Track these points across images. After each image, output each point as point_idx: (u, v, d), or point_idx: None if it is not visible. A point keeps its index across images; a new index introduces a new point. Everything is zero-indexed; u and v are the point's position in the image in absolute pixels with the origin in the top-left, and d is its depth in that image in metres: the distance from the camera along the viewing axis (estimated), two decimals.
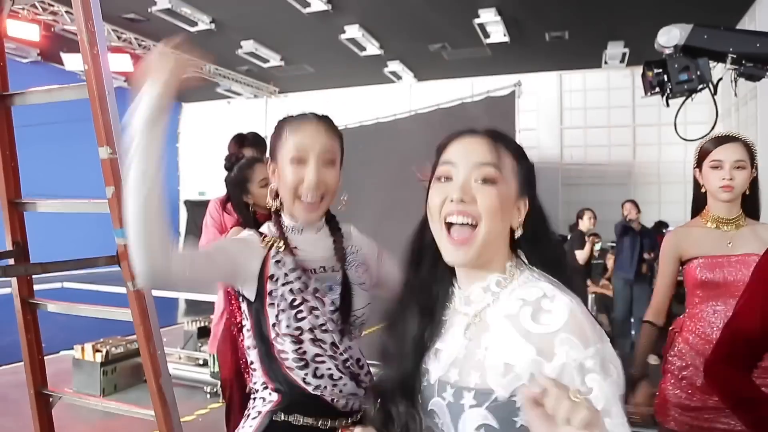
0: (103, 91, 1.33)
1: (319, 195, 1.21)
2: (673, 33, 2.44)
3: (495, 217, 0.85)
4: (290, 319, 1.17)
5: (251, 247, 1.20)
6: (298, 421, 1.19)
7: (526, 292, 0.85)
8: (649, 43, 2.68)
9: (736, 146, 1.78)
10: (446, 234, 0.86)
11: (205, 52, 3.47)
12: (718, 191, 1.77)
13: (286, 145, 1.22)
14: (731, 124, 8.81)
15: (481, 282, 0.89)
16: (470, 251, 0.85)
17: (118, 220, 1.34)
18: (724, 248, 1.77)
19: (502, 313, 0.85)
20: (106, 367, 4.30)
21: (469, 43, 8.90)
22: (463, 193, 0.84)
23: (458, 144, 0.90)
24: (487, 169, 0.86)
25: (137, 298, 1.39)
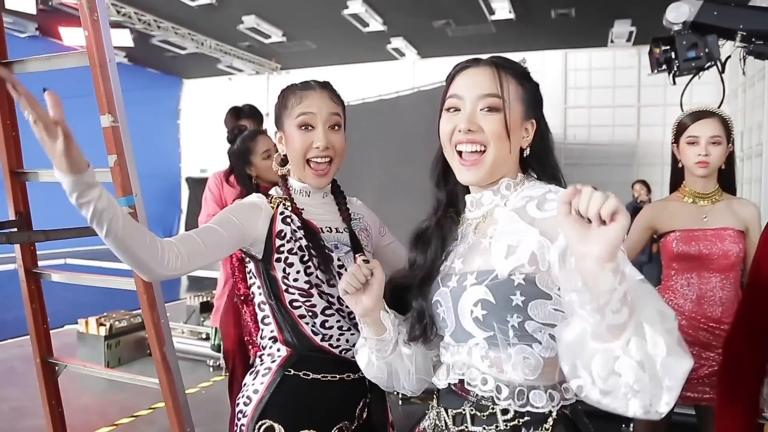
0: (104, 58, 1.32)
1: (328, 158, 1.25)
2: (683, 9, 2.40)
3: (501, 141, 0.92)
4: (300, 273, 1.21)
5: (258, 208, 1.24)
6: (307, 375, 1.23)
7: (533, 191, 0.93)
8: (656, 21, 2.64)
9: (713, 122, 1.80)
10: (458, 158, 0.95)
11: (206, 27, 3.32)
12: (694, 167, 1.80)
13: (292, 113, 1.25)
14: (738, 105, 8.74)
15: (493, 186, 0.97)
16: (480, 171, 0.93)
17: (121, 189, 1.33)
18: (700, 222, 1.81)
19: (510, 208, 0.93)
20: (110, 340, 4.35)
21: (473, 19, 8.78)
22: (469, 123, 0.92)
23: (464, 76, 0.97)
24: (490, 99, 0.93)
25: None
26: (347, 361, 1.26)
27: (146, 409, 3.51)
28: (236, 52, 10.91)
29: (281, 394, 1.21)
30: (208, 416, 3.02)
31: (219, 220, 1.18)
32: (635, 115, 10.12)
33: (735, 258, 1.77)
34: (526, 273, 0.85)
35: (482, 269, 0.89)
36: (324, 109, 1.24)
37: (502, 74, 0.95)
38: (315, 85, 1.28)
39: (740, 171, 8.76)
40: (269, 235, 1.21)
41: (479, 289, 0.88)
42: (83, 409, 3.49)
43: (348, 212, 1.35)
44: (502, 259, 0.87)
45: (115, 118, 1.33)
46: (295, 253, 1.21)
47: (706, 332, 1.77)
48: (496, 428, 0.89)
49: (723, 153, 1.80)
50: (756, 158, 7.67)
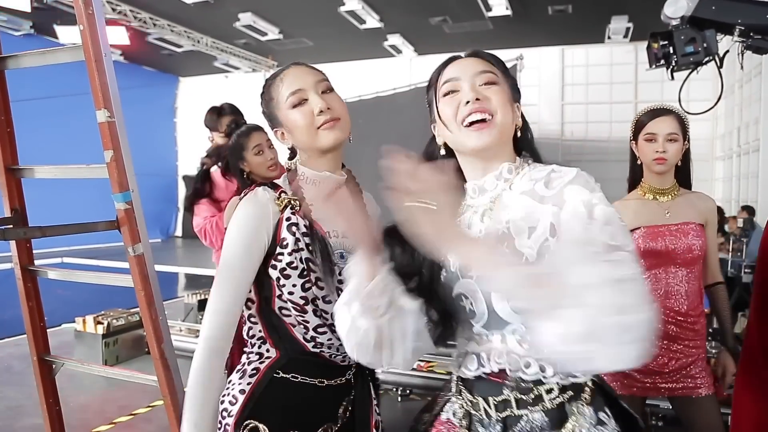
0: (100, 52, 1.30)
1: (333, 118, 1.20)
2: (681, 4, 2.39)
3: (506, 109, 0.94)
4: (296, 287, 1.16)
5: (264, 215, 1.17)
6: (296, 378, 1.20)
7: (537, 172, 0.94)
8: (654, 17, 2.63)
9: (670, 119, 1.83)
10: (466, 129, 0.93)
11: (202, 25, 3.27)
12: (652, 163, 1.83)
13: (280, 100, 1.20)
14: (734, 101, 8.75)
15: (494, 171, 0.97)
16: (490, 134, 0.92)
17: (117, 185, 1.32)
18: (663, 218, 1.83)
19: (518, 192, 0.93)
20: (108, 339, 4.33)
21: (470, 16, 8.78)
22: (475, 93, 0.93)
23: (454, 65, 0.99)
24: (487, 74, 0.96)
25: (138, 264, 1.38)
26: (338, 365, 1.24)
27: (144, 407, 3.50)
28: (233, 49, 10.90)
29: (269, 396, 1.18)
30: None
31: (234, 262, 1.16)
32: (632, 111, 10.12)
33: (699, 251, 1.81)
34: (551, 245, 0.86)
35: (508, 251, 0.87)
36: (309, 79, 1.20)
37: (489, 59, 0.99)
38: (290, 65, 1.24)
39: (737, 167, 8.79)
40: (273, 239, 1.17)
41: None
42: (81, 407, 3.48)
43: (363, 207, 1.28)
44: (526, 239, 0.88)
45: (111, 113, 1.32)
46: (295, 267, 1.16)
47: (674, 325, 1.80)
48: (542, 407, 0.90)
49: (679, 150, 1.83)
50: (753, 153, 7.69)
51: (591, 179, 0.89)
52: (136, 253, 1.38)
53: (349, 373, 1.26)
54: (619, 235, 0.76)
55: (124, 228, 1.36)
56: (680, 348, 1.80)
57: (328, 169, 1.24)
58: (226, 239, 1.18)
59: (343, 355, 1.23)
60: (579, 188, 0.85)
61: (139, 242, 1.38)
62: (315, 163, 1.24)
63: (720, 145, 9.77)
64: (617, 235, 0.76)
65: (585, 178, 0.88)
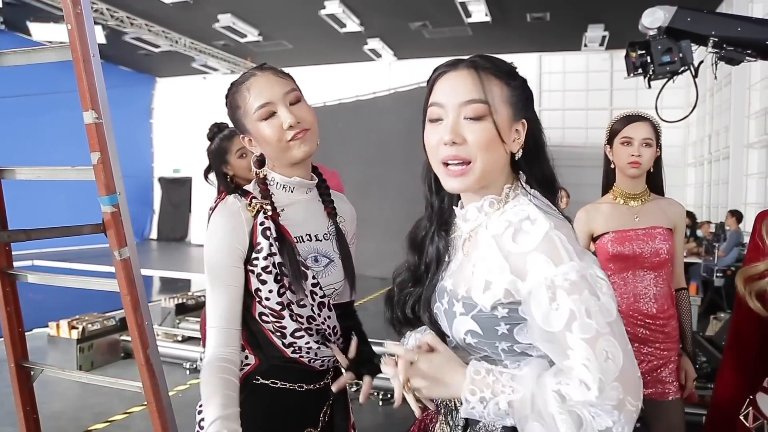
0: (88, 53, 1.28)
1: (303, 130, 1.18)
2: (658, 15, 2.46)
3: (488, 151, 0.87)
4: (272, 293, 1.16)
5: (238, 225, 1.16)
6: (275, 384, 1.21)
7: (514, 214, 0.88)
8: (629, 26, 2.69)
9: (645, 125, 1.90)
10: (444, 168, 0.89)
11: (180, 25, 3.18)
12: (627, 167, 1.88)
13: (248, 111, 1.18)
14: (705, 109, 8.98)
15: (476, 202, 0.93)
16: (467, 180, 0.88)
17: (104, 187, 1.30)
18: (632, 222, 1.89)
19: (491, 233, 0.89)
20: (83, 344, 4.23)
21: (450, 21, 8.86)
22: (453, 135, 0.86)
23: (444, 81, 0.90)
24: (474, 106, 0.86)
25: (124, 267, 1.36)
26: (317, 370, 1.25)
27: (121, 413, 3.43)
28: (211, 50, 10.79)
29: (248, 403, 1.17)
30: (186, 419, 2.96)
31: (221, 277, 1.15)
32: (608, 117, 10.31)
33: (666, 255, 1.86)
34: (507, 305, 0.85)
35: (467, 298, 0.89)
36: (276, 91, 1.17)
37: (483, 76, 0.88)
38: (255, 72, 1.21)
39: (708, 173, 9.02)
40: (250, 246, 1.16)
41: (467, 320, 0.89)
42: (55, 415, 3.39)
43: (333, 206, 1.30)
44: (481, 292, 0.87)
45: (98, 115, 1.29)
46: (269, 271, 1.16)
47: (644, 328, 1.85)
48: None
49: (653, 155, 1.89)
50: (723, 161, 7.90)
51: (560, 241, 0.81)
52: (123, 257, 1.35)
53: (327, 377, 1.28)
54: (579, 329, 0.76)
55: (110, 231, 1.34)
56: (651, 350, 1.84)
57: (298, 175, 1.24)
58: (205, 252, 1.17)
59: (321, 360, 1.24)
60: (543, 261, 0.80)
61: (126, 246, 1.36)
62: (285, 170, 1.23)
63: (692, 152, 10.01)
64: (577, 329, 0.76)
65: (552, 245, 0.81)
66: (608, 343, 0.75)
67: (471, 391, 0.82)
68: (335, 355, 1.25)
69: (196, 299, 5.29)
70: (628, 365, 0.75)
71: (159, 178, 14.26)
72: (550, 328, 0.78)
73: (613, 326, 0.77)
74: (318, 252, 1.23)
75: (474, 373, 0.83)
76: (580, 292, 0.77)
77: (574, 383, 0.75)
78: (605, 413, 0.73)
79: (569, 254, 0.79)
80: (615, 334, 0.76)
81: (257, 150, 1.23)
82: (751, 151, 7.25)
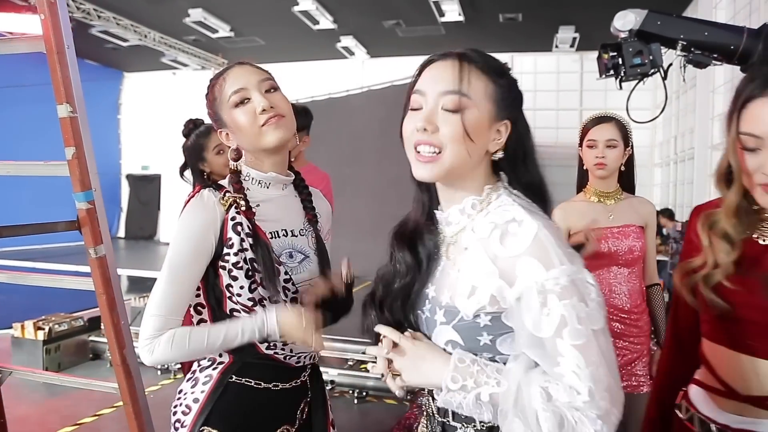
0: (62, 44, 1.24)
1: (276, 114, 1.18)
2: (629, 18, 2.51)
3: (459, 144, 0.84)
4: (243, 289, 1.15)
5: (210, 217, 1.15)
6: (250, 382, 1.19)
7: (499, 215, 0.85)
8: (598, 28, 2.75)
9: (609, 126, 1.94)
10: (414, 154, 0.87)
11: (150, 19, 3.12)
12: (593, 168, 1.94)
13: (223, 99, 1.19)
14: (672, 111, 9.22)
15: (458, 204, 0.91)
16: (435, 168, 0.86)
17: (79, 183, 1.26)
18: (607, 220, 1.94)
19: (476, 236, 0.87)
20: (49, 345, 4.12)
21: (423, 20, 8.88)
22: (426, 122, 0.84)
23: (429, 71, 0.89)
24: (450, 97, 0.85)
25: (100, 266, 1.32)
26: (292, 367, 1.24)
27: (90, 416, 3.35)
28: (181, 45, 10.59)
29: (224, 403, 1.17)
30: (158, 421, 2.91)
31: (181, 269, 1.13)
32: (578, 117, 10.50)
33: (639, 252, 1.93)
34: (490, 313, 0.83)
35: (449, 306, 0.87)
36: (252, 78, 1.18)
37: (466, 68, 0.86)
38: (233, 65, 1.22)
39: (674, 173, 9.27)
40: (220, 241, 1.15)
41: (447, 330, 0.87)
42: (20, 419, 3.29)
43: (314, 212, 1.29)
44: (465, 298, 0.84)
45: (73, 108, 1.25)
46: (240, 267, 1.14)
47: (618, 323, 1.90)
48: (473, 428, 0.89)
49: (619, 155, 1.93)
50: (689, 161, 8.13)
51: (550, 243, 0.79)
52: (98, 255, 1.32)
53: (303, 374, 1.27)
54: (570, 335, 0.75)
55: (85, 229, 1.30)
56: (625, 345, 1.89)
57: (274, 171, 1.23)
58: (172, 242, 1.15)
59: (297, 357, 1.23)
60: (533, 265, 0.78)
61: (101, 243, 1.32)
62: (261, 164, 1.23)
63: (658, 153, 10.27)
64: (567, 335, 0.75)
65: (542, 247, 0.79)
66: (597, 352, 0.75)
67: (453, 378, 0.82)
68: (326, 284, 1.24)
69: None
70: (614, 377, 0.76)
71: (127, 176, 13.96)
72: (539, 333, 0.76)
73: (598, 335, 0.76)
74: (293, 248, 1.23)
75: (458, 361, 0.83)
76: (571, 297, 0.76)
77: (563, 387, 0.75)
78: (589, 421, 0.73)
79: (559, 257, 0.78)
80: (601, 344, 0.76)
81: (233, 143, 1.22)
82: (715, 153, 7.47)
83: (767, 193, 0.98)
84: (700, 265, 1.06)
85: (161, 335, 1.10)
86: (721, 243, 1.04)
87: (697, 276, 1.06)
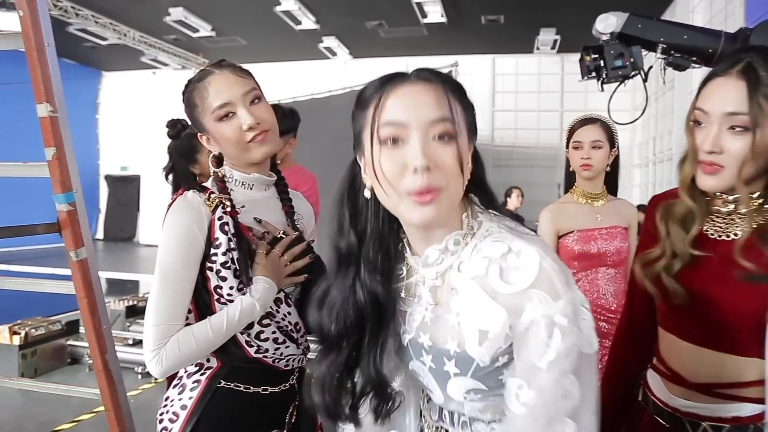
0: (42, 42, 1.20)
1: (262, 131, 1.18)
2: (610, 20, 2.54)
3: (459, 178, 0.76)
4: (233, 289, 1.15)
5: (196, 219, 1.14)
6: (239, 387, 1.18)
7: (491, 248, 0.78)
8: (579, 31, 2.78)
9: (594, 127, 1.97)
10: (409, 198, 0.75)
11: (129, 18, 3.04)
12: (579, 169, 1.96)
13: (206, 109, 1.17)
14: (651, 112, 9.36)
15: (437, 244, 0.81)
16: (438, 208, 0.75)
17: (60, 185, 1.23)
18: (595, 222, 1.97)
19: (469, 275, 0.78)
20: (26, 350, 4.03)
21: (406, 21, 8.89)
22: (428, 159, 0.73)
23: (401, 96, 0.76)
24: (444, 125, 0.74)
25: (81, 269, 1.29)
26: (281, 371, 1.23)
27: (68, 423, 3.28)
28: (162, 45, 10.45)
29: (213, 409, 1.15)
30: (140, 426, 2.86)
31: (173, 274, 1.11)
32: (558, 119, 10.61)
33: (625, 253, 1.97)
34: (505, 351, 0.77)
35: (461, 355, 0.79)
36: (235, 91, 1.15)
37: (449, 92, 0.77)
38: (213, 70, 1.18)
39: (653, 174, 9.41)
40: (207, 241, 1.14)
41: (466, 381, 0.80)
42: None
43: (290, 203, 1.30)
44: (476, 345, 0.77)
45: (53, 108, 1.22)
46: (228, 267, 1.14)
47: (605, 322, 1.94)
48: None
49: (605, 156, 1.95)
50: (667, 162, 8.26)
51: (553, 270, 0.74)
52: (79, 258, 1.29)
53: (292, 378, 1.27)
54: (571, 376, 0.72)
55: (66, 231, 1.27)
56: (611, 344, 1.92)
57: (257, 172, 1.23)
58: (160, 247, 1.13)
59: (286, 360, 1.23)
60: (542, 298, 0.73)
61: (83, 246, 1.30)
62: (244, 168, 1.23)
63: (637, 154, 10.41)
64: (566, 363, 0.72)
65: (548, 277, 0.73)
66: (571, 380, 0.72)
67: None
68: None
69: (146, 301, 5.12)
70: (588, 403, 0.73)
71: (105, 176, 13.74)
72: (540, 363, 0.72)
73: (583, 360, 0.73)
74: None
75: None
76: (571, 329, 0.72)
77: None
78: None
79: (563, 285, 0.73)
80: (580, 372, 0.72)
81: (215, 149, 1.22)
82: None
83: (705, 173, 1.02)
84: (658, 256, 1.10)
85: (166, 344, 1.07)
86: (679, 231, 1.07)
87: (658, 266, 1.09)
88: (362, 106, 0.80)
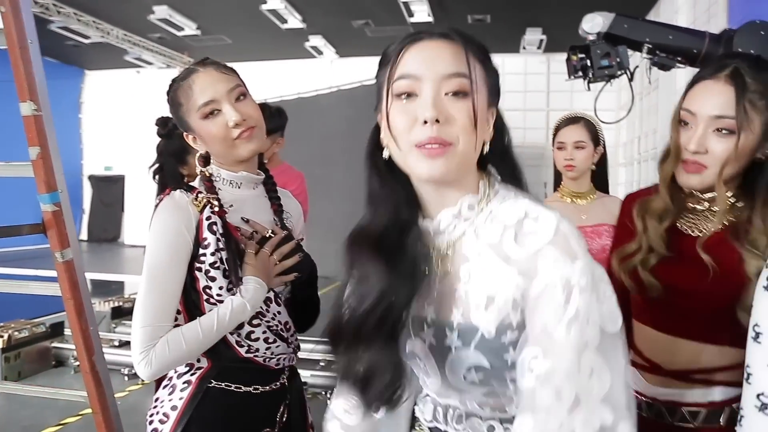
0: (25, 39, 1.18)
1: (248, 127, 1.17)
2: (597, 20, 2.56)
3: (471, 134, 0.73)
4: (222, 289, 1.15)
5: (184, 218, 1.13)
6: (230, 387, 1.18)
7: (506, 214, 0.75)
8: (565, 31, 2.80)
9: (577, 127, 1.99)
10: (417, 151, 0.73)
11: (113, 16, 2.99)
12: (563, 169, 1.99)
13: (191, 108, 1.16)
14: (635, 112, 9.46)
15: (452, 207, 0.78)
16: (448, 163, 0.72)
17: (44, 184, 1.21)
18: (580, 220, 1.99)
19: (485, 242, 0.75)
20: (9, 353, 3.96)
21: (392, 20, 8.89)
22: (437, 111, 0.71)
23: (419, 50, 0.75)
24: (458, 80, 0.72)
25: (67, 270, 1.27)
26: (271, 370, 1.23)
27: (54, 425, 3.24)
28: (146, 43, 10.34)
29: (204, 409, 1.15)
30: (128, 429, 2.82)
31: (161, 275, 1.10)
32: (544, 118, 10.68)
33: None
34: (514, 324, 0.72)
35: (464, 325, 0.74)
36: (220, 88, 1.15)
37: (468, 50, 0.74)
38: (197, 68, 1.17)
39: (638, 173, 9.51)
40: (195, 241, 1.14)
41: (468, 353, 0.74)
42: None
43: (278, 202, 1.29)
44: (483, 311, 0.73)
45: (37, 106, 1.20)
46: (217, 267, 1.14)
47: None
48: None
49: (588, 156, 1.97)
50: (652, 161, 8.35)
51: (571, 234, 0.71)
52: (65, 259, 1.27)
53: (282, 377, 1.26)
54: (590, 329, 0.66)
55: (51, 231, 1.25)
56: None
57: (245, 170, 1.23)
58: (147, 248, 1.12)
59: (276, 359, 1.23)
60: (557, 256, 0.69)
61: (68, 247, 1.28)
62: (231, 166, 1.22)
63: (622, 153, 10.52)
64: (586, 329, 0.66)
65: (565, 238, 0.70)
66: (596, 358, 0.65)
67: None
68: None
69: (132, 302, 5.07)
70: (618, 386, 0.66)
71: (89, 176, 13.59)
72: (557, 327, 0.66)
73: (607, 341, 0.67)
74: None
75: None
76: (590, 294, 0.67)
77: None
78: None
79: (581, 248, 0.70)
80: (607, 350, 0.66)
81: (202, 148, 1.21)
82: None
83: (688, 172, 1.06)
84: (635, 250, 1.13)
85: (155, 345, 1.06)
86: (656, 227, 1.11)
87: (635, 260, 1.12)
88: (383, 62, 0.79)
